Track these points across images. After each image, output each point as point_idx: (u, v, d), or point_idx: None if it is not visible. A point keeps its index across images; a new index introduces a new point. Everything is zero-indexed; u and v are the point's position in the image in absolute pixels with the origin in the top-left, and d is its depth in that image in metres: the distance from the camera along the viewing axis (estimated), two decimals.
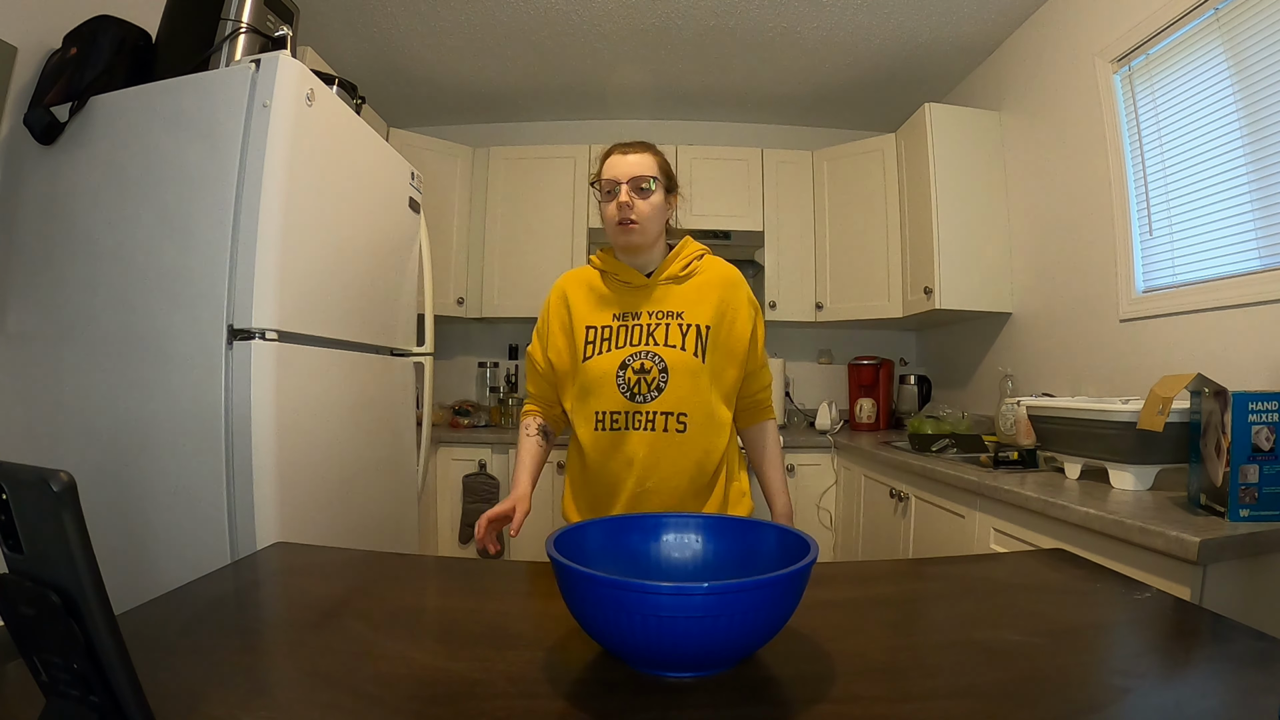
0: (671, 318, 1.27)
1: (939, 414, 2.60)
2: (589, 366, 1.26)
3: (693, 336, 1.25)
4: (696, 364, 1.24)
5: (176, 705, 0.48)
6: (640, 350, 1.24)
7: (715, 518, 0.70)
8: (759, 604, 0.50)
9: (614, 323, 1.28)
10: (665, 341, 1.24)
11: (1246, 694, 0.51)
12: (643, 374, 1.24)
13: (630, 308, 1.29)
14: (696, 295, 1.29)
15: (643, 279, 1.30)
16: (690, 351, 1.24)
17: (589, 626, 0.55)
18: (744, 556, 0.66)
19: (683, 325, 1.26)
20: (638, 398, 1.24)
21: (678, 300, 1.29)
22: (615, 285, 1.31)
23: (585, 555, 0.59)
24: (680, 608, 0.49)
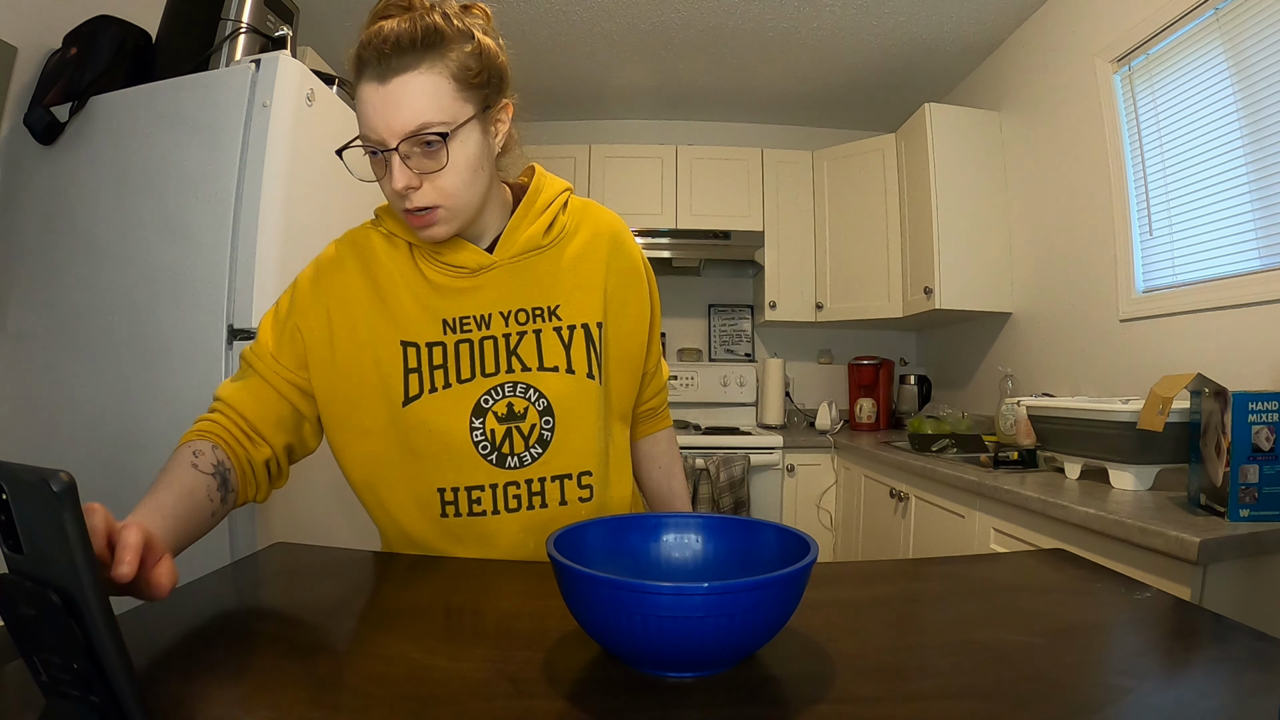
0: (542, 318, 0.80)
1: (939, 414, 2.60)
2: (416, 413, 0.78)
3: (581, 345, 0.81)
4: (592, 390, 0.81)
5: (176, 705, 0.48)
6: (502, 382, 0.79)
7: (716, 518, 0.70)
8: (759, 604, 0.50)
9: (447, 337, 0.79)
10: (540, 363, 0.79)
11: (1246, 694, 0.51)
12: (513, 420, 0.79)
13: (469, 309, 0.80)
14: (574, 273, 0.83)
15: (480, 257, 0.80)
16: (582, 372, 0.80)
17: (589, 626, 0.55)
18: (744, 556, 0.66)
19: (562, 329, 0.81)
20: (509, 461, 0.79)
21: (546, 285, 0.82)
22: (437, 269, 0.80)
23: (585, 555, 0.59)
24: (680, 608, 0.49)
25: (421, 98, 0.69)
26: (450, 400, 0.78)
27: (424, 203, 0.72)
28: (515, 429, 0.79)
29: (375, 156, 0.73)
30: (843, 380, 3.45)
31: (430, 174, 0.71)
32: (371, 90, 0.69)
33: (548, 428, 0.80)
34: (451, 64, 0.70)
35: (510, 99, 0.81)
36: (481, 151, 0.75)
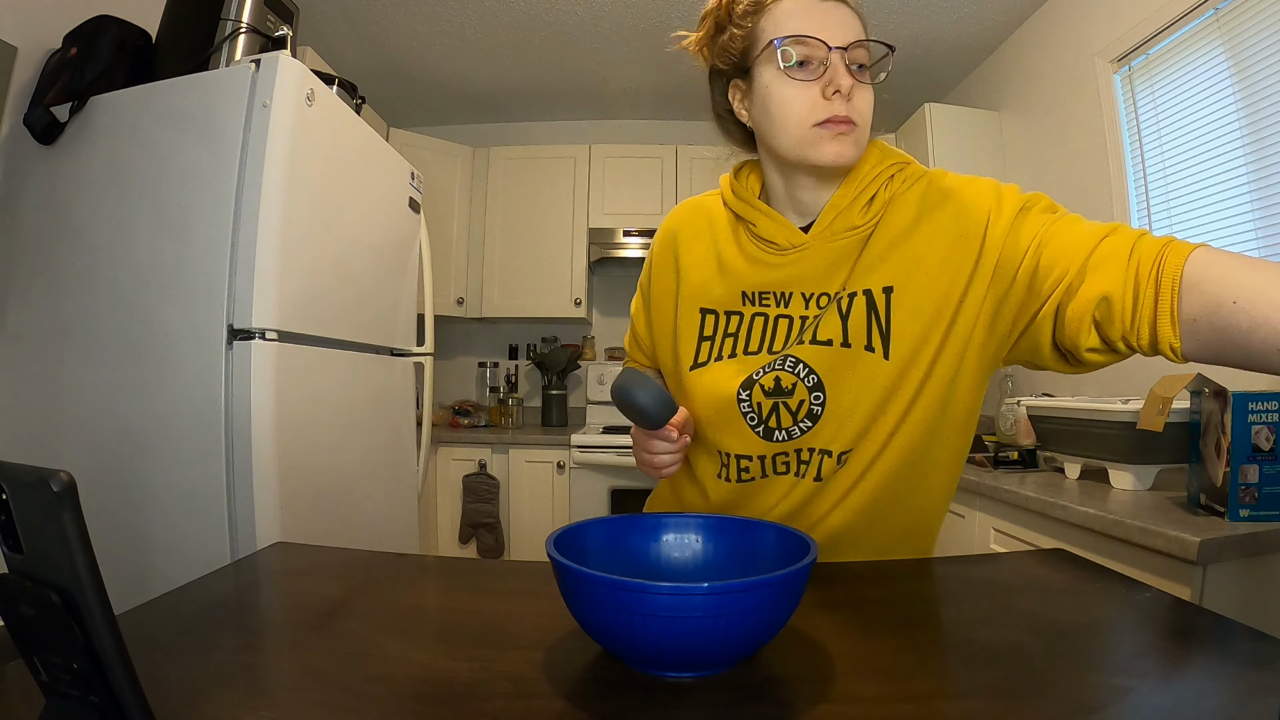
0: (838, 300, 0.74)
1: None
2: (698, 380, 0.80)
3: (861, 312, 0.73)
4: (872, 362, 0.72)
5: (176, 705, 0.48)
6: (777, 357, 0.76)
7: (716, 518, 0.70)
8: (759, 604, 0.50)
9: (745, 308, 0.79)
10: (814, 336, 0.74)
11: (1246, 694, 0.51)
12: (780, 396, 0.75)
13: (772, 284, 0.78)
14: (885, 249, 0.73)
15: (795, 235, 0.77)
16: (859, 343, 0.72)
17: (589, 626, 0.55)
18: (744, 556, 0.66)
19: (842, 301, 0.74)
20: (777, 435, 0.77)
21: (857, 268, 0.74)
22: (752, 245, 0.80)
23: (585, 555, 0.59)
24: (680, 608, 0.49)
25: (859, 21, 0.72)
26: (730, 369, 0.78)
27: (850, 113, 0.71)
28: (782, 404, 0.76)
29: (800, 65, 0.70)
30: None
31: (862, 91, 0.72)
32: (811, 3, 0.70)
33: (817, 403, 0.74)
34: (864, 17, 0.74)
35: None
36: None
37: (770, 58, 0.71)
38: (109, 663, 0.38)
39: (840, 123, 0.71)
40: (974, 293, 0.70)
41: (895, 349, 0.72)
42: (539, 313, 3.17)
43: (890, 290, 0.72)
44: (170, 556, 1.31)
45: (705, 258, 0.83)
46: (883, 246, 0.74)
